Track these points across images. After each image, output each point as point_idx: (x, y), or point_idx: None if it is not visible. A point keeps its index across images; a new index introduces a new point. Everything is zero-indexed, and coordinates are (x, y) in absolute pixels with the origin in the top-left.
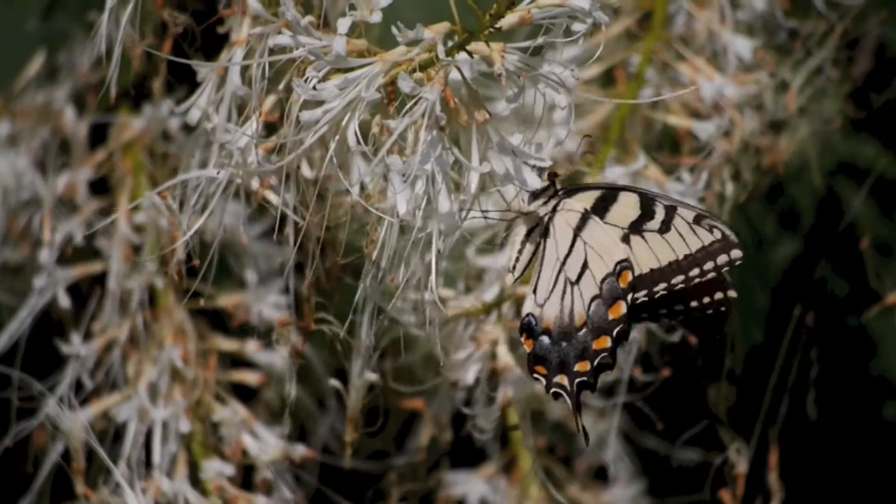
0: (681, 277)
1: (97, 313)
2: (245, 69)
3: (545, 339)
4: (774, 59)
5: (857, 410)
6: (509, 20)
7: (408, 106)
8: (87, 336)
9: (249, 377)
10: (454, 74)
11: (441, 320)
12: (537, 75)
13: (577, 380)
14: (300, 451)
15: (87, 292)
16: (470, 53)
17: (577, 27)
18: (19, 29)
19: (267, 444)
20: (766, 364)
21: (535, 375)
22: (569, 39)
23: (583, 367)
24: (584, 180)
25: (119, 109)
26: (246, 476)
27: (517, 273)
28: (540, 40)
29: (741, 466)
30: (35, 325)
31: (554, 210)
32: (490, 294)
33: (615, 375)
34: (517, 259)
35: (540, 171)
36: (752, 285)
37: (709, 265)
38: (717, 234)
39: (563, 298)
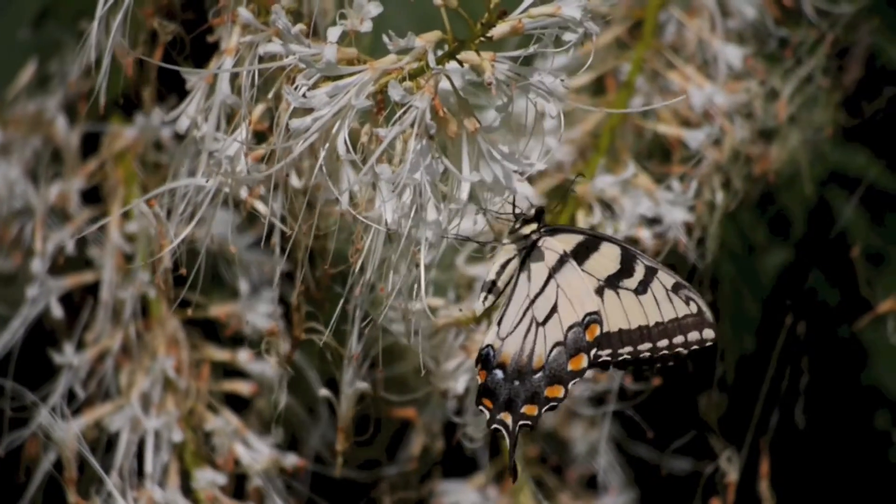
0: (648, 346)
1: (90, 323)
2: (234, 78)
3: (498, 373)
4: (765, 68)
5: (848, 419)
6: (500, 29)
7: (397, 114)
8: (80, 346)
9: (242, 387)
10: (444, 83)
11: (431, 330)
12: (527, 84)
13: (520, 422)
14: (292, 460)
15: (79, 302)
16: (460, 62)
17: (569, 37)
18: (11, 38)
19: (259, 454)
20: (757, 373)
21: (481, 407)
22: (559, 50)
23: (530, 410)
24: (574, 190)
25: (111, 119)
26: (238, 485)
27: (488, 302)
28: (531, 49)
29: (732, 475)
30: (27, 335)
31: (533, 245)
32: (480, 303)
33: (606, 384)
34: (491, 286)
35: (529, 179)
36: (742, 294)
37: (678, 339)
38: (693, 308)
39: (525, 337)
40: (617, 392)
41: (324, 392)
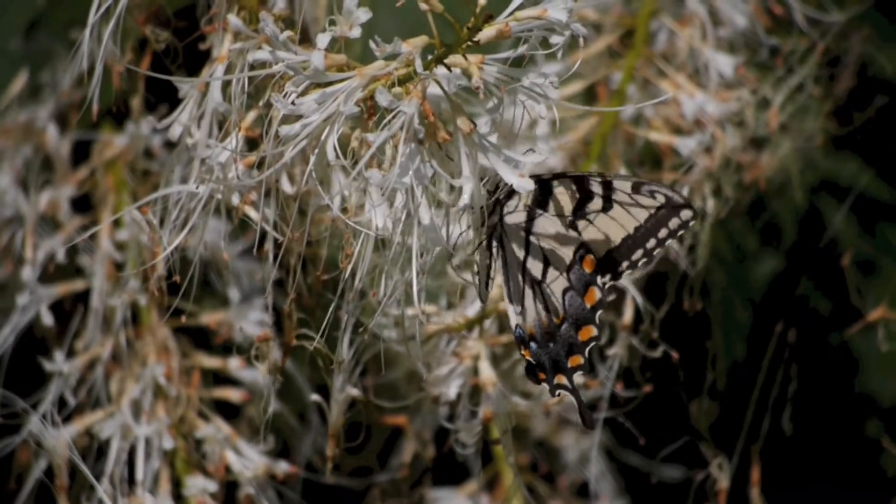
0: (640, 252)
1: (80, 331)
2: (226, 85)
3: (533, 346)
4: (756, 76)
5: (839, 427)
6: (487, 33)
7: (386, 120)
8: (70, 353)
9: (232, 394)
10: (434, 88)
11: (423, 336)
12: (517, 87)
13: (573, 374)
14: (283, 467)
15: (69, 310)
16: (448, 67)
17: (556, 40)
18: (2, 48)
19: (250, 461)
20: (747, 380)
21: (540, 382)
22: (548, 52)
23: (575, 361)
24: None
25: (101, 127)
26: (229, 492)
27: (486, 293)
28: (520, 50)
29: (723, 482)
30: (18, 343)
31: (501, 217)
32: (472, 310)
33: (597, 391)
34: (485, 278)
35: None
36: (733, 301)
37: (663, 233)
38: (660, 199)
39: (535, 301)
40: (608, 399)
41: (315, 397)
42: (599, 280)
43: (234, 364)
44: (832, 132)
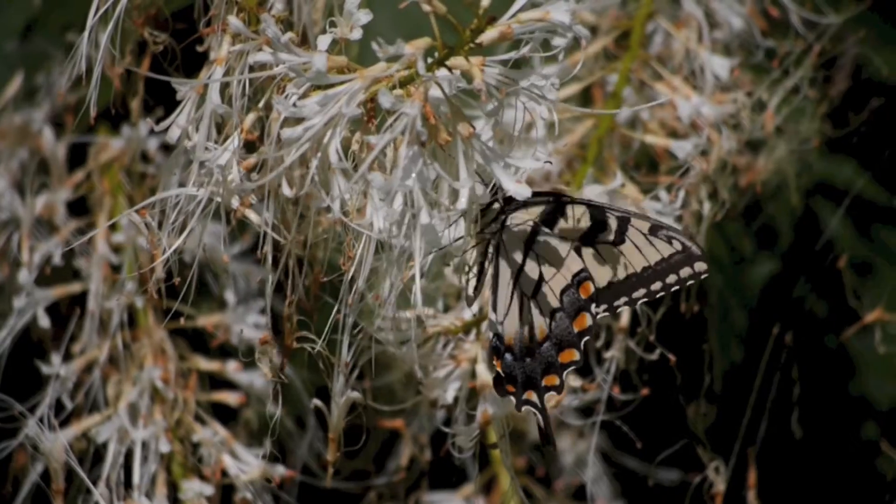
0: (643, 291)
1: (77, 334)
2: (225, 88)
3: (508, 357)
4: (752, 79)
5: (836, 429)
6: (489, 35)
7: (388, 122)
8: (67, 356)
9: (229, 397)
10: (434, 90)
11: (420, 339)
12: (518, 89)
13: (545, 394)
14: (280, 470)
15: (66, 312)
16: (450, 69)
17: (558, 42)
18: None
19: (246, 464)
20: (744, 383)
21: (506, 395)
22: (549, 53)
23: (550, 380)
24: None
25: (97, 130)
26: (225, 496)
27: (475, 296)
28: (522, 52)
29: (720, 485)
30: (14, 346)
31: (502, 226)
32: (469, 312)
33: (594, 394)
34: (475, 282)
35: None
36: (730, 304)
37: (671, 279)
38: (678, 246)
39: (521, 314)
40: (605, 402)
41: (315, 402)
42: (594, 308)
43: (231, 367)
44: (828, 134)
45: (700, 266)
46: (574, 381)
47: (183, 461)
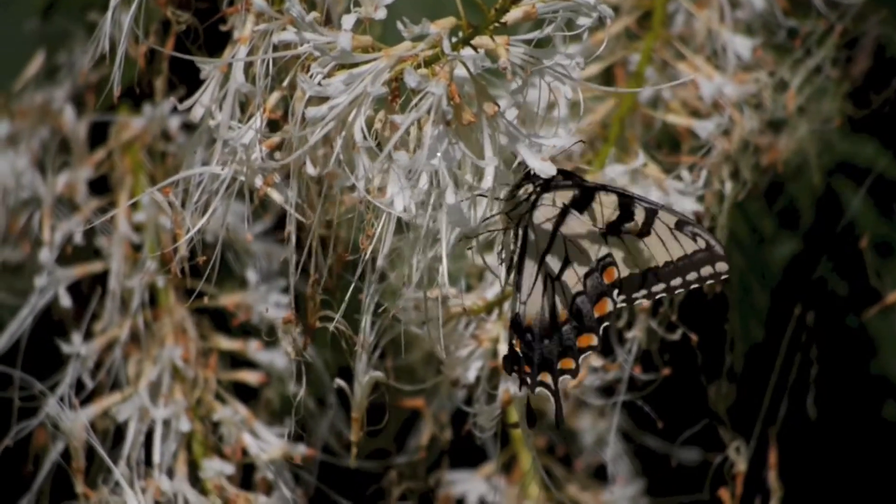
0: (662, 286)
1: (98, 313)
2: (248, 67)
3: (527, 337)
4: (774, 59)
5: (857, 409)
6: (514, 15)
7: (413, 101)
8: (88, 335)
9: (250, 376)
10: (459, 70)
11: (442, 318)
12: (543, 68)
13: (560, 377)
14: (300, 450)
15: (87, 292)
16: (475, 48)
17: (583, 21)
18: (18, 29)
19: (267, 444)
20: (766, 363)
21: (516, 373)
22: (574, 33)
23: (566, 364)
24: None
25: (119, 109)
26: (246, 475)
27: (506, 274)
28: (546, 31)
29: (741, 465)
30: (36, 325)
31: (532, 205)
32: (491, 292)
33: (615, 374)
34: (507, 260)
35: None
36: (751, 284)
37: (692, 276)
38: (701, 244)
39: (543, 295)
40: (626, 382)
41: (338, 382)
42: (615, 293)
43: (252, 346)
44: (850, 114)
45: (721, 266)
46: (595, 360)
47: (203, 440)
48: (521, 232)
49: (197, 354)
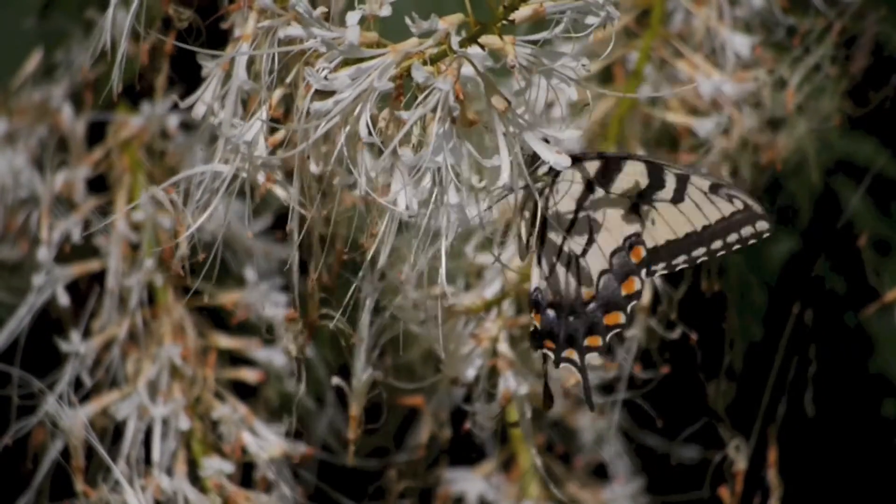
0: (702, 250)
1: (96, 311)
2: (250, 65)
3: (551, 313)
4: (773, 57)
5: (856, 408)
6: (522, 13)
7: (419, 98)
8: (87, 334)
9: (249, 375)
10: (465, 68)
11: (442, 317)
12: (549, 69)
13: (587, 354)
14: (299, 448)
15: (85, 290)
16: (482, 46)
17: (591, 21)
18: (16, 27)
19: (266, 442)
20: (765, 361)
21: (544, 350)
22: (582, 35)
23: (593, 341)
24: None
25: (117, 107)
26: (245, 474)
27: (527, 251)
28: (554, 32)
29: (740, 463)
30: (34, 323)
31: (554, 181)
32: (490, 291)
33: (615, 372)
34: (527, 236)
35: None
36: (750, 282)
37: (732, 237)
38: (739, 205)
39: (567, 272)
40: (626, 380)
41: (336, 380)
42: (643, 272)
43: (251, 344)
44: (849, 112)
45: (762, 225)
46: (595, 359)
47: (203, 438)
48: (543, 208)
49: (196, 353)
